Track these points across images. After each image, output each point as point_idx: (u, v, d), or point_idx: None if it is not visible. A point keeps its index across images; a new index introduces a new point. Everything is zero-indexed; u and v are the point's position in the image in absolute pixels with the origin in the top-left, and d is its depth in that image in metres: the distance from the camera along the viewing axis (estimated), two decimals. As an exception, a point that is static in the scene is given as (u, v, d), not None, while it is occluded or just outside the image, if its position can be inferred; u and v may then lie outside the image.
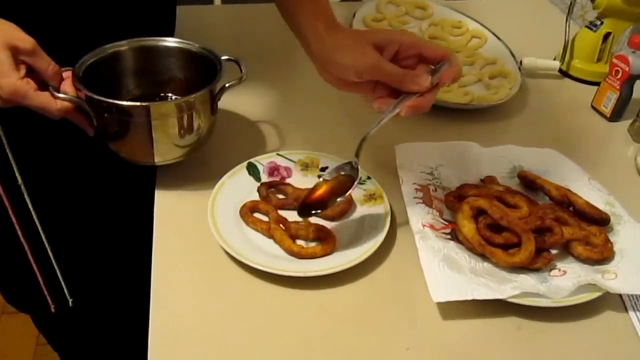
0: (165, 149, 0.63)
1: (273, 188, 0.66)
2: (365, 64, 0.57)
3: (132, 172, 0.68)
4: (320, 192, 0.59)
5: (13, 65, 0.54)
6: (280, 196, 0.65)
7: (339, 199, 0.57)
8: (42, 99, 0.56)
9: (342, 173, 0.60)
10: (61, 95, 0.57)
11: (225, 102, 0.68)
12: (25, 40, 0.55)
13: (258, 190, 0.65)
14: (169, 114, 0.61)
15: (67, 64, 0.61)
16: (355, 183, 0.58)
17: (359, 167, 0.59)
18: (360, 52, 0.57)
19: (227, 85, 0.65)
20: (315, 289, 0.57)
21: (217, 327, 0.53)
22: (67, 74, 0.60)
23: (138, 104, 0.62)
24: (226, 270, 0.58)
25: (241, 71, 0.66)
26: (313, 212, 0.58)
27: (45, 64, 0.56)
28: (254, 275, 0.57)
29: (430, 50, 0.59)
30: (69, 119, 0.60)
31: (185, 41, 0.69)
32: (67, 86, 0.59)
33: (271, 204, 0.64)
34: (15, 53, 0.54)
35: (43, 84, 0.57)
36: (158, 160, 0.64)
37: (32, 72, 0.56)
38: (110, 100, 0.59)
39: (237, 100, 0.70)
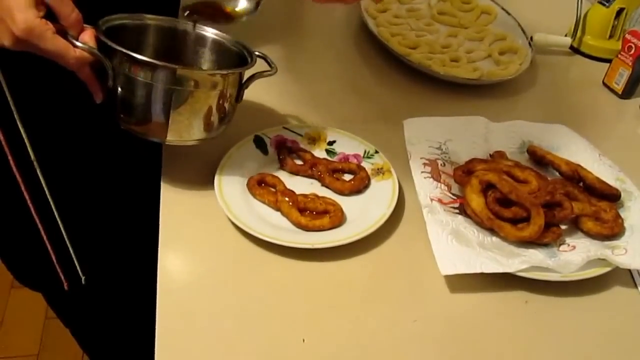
0: (185, 127, 0.59)
1: (294, 153, 0.66)
2: None
3: (141, 147, 0.68)
4: None
5: (32, 2, 0.49)
6: (299, 162, 0.66)
7: None
8: (59, 44, 0.51)
9: None
10: (80, 44, 0.53)
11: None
12: None
13: (278, 152, 0.66)
14: (198, 85, 0.57)
15: None
16: None
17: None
18: None
19: (256, 74, 0.62)
20: (323, 261, 0.57)
21: (225, 298, 0.53)
22: (86, 27, 0.55)
23: (166, 64, 0.56)
24: (234, 242, 0.58)
25: (270, 66, 0.63)
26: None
27: (69, 9, 0.52)
28: (261, 247, 0.57)
29: None
30: (80, 75, 0.56)
31: (220, 33, 0.65)
32: (87, 37, 0.54)
33: (288, 168, 0.64)
34: None
35: (61, 33, 0.52)
36: (171, 138, 0.59)
37: (51, 19, 0.52)
38: (138, 56, 0.54)
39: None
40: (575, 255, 0.57)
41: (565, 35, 0.95)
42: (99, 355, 1.14)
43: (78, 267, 0.85)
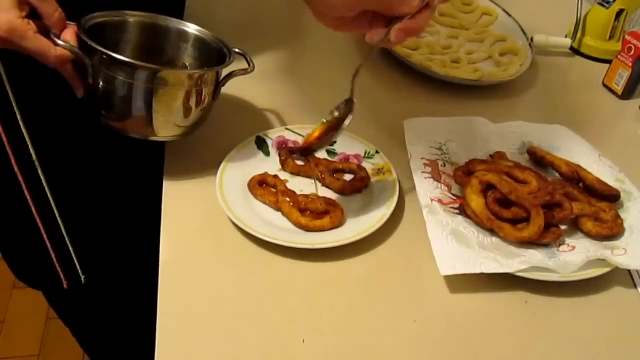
0: (161, 123, 0.60)
1: (295, 154, 0.66)
2: None
3: (142, 147, 0.68)
4: (318, 133, 0.60)
5: (15, 2, 0.51)
6: (300, 162, 0.66)
7: (335, 133, 0.58)
8: (40, 43, 0.53)
9: (337, 113, 0.60)
10: (61, 42, 0.54)
11: (235, 80, 0.67)
12: None
13: (279, 154, 0.66)
14: (175, 84, 0.58)
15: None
16: (350, 116, 0.58)
17: (354, 101, 0.59)
18: None
19: (234, 71, 0.63)
20: (323, 261, 0.57)
21: (225, 298, 0.53)
22: (69, 24, 0.57)
23: (146, 64, 0.57)
24: (234, 242, 0.58)
25: (248, 64, 0.64)
26: (314, 151, 0.60)
27: (52, 8, 0.54)
28: (262, 247, 0.57)
29: None
30: (62, 72, 0.57)
31: (201, 29, 0.66)
32: (69, 35, 0.55)
33: (288, 168, 0.64)
34: None
35: (43, 31, 0.54)
36: (149, 134, 0.61)
37: (34, 17, 0.53)
38: (116, 56, 0.55)
39: (247, 77, 0.70)
40: (574, 256, 0.58)
41: (565, 37, 0.96)
42: (99, 355, 1.14)
43: (78, 266, 0.85)
